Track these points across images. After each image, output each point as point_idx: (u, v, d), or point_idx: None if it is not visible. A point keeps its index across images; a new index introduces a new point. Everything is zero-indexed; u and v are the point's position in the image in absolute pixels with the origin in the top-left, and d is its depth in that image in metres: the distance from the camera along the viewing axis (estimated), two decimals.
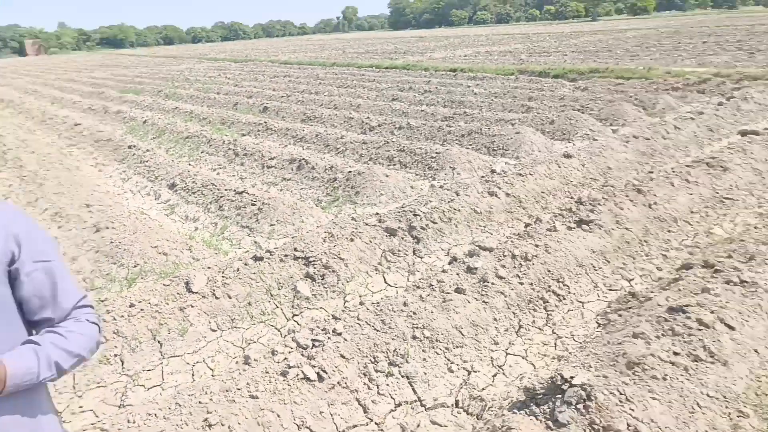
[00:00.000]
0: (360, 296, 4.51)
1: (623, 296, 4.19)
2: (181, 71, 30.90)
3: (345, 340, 3.48)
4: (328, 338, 3.50)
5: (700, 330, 3.29)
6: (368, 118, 11.60)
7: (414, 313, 3.77)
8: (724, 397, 2.93)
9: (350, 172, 7.54)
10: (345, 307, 4.22)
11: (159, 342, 3.90)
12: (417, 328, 3.67)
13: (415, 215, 5.50)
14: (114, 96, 19.84)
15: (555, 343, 3.84)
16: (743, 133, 8.28)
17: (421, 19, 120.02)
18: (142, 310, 4.09)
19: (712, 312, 3.43)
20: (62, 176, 8.60)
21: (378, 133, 10.60)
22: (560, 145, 8.96)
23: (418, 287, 4.16)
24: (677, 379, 2.93)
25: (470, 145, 9.06)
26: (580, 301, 4.34)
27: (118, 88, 22.78)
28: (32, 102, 20.25)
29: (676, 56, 19.55)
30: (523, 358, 3.71)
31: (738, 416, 2.82)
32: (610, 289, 4.52)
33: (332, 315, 3.83)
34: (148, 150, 10.14)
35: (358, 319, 3.68)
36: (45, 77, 33.89)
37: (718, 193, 6.18)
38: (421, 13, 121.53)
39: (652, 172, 6.72)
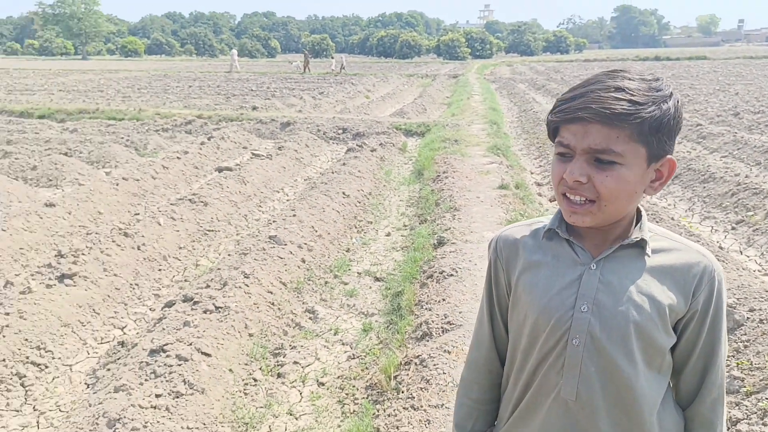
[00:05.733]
0: None
1: (113, 347, 4.01)
2: None
3: None
4: None
5: (180, 365, 3.30)
6: None
7: None
8: (204, 424, 3.00)
9: None
10: None
11: None
12: None
13: None
14: None
15: (38, 422, 3.35)
16: (220, 170, 8.79)
17: None
18: None
19: (190, 344, 3.48)
20: None
21: None
22: (46, 192, 8.02)
23: None
24: (158, 422, 2.89)
25: None
26: (67, 365, 3.87)
27: None
28: None
29: (165, 98, 19.71)
30: None
31: None
32: (101, 343, 4.18)
33: None
34: None
35: None
36: None
37: (201, 226, 6.34)
38: None
39: (138, 214, 6.75)
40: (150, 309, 4.72)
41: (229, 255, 5.35)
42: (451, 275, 4.51)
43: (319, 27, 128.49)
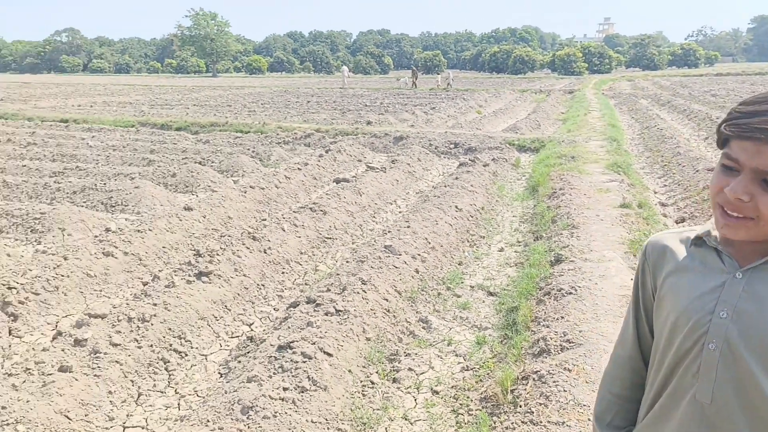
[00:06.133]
0: None
1: (243, 342, 4.32)
2: None
3: None
4: None
5: (305, 362, 3.52)
6: None
7: (3, 408, 3.23)
8: (326, 419, 3.19)
9: None
10: None
11: None
12: (8, 424, 3.16)
13: (9, 288, 4.78)
14: None
15: (178, 404, 3.70)
16: (337, 181, 9.29)
17: (24, 63, 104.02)
18: None
19: (313, 343, 3.71)
20: None
21: None
22: (183, 197, 8.88)
23: (10, 374, 3.61)
24: (286, 413, 3.10)
25: (84, 202, 8.26)
26: (203, 355, 4.27)
27: None
28: None
29: (286, 113, 20.87)
30: (143, 428, 3.47)
31: None
32: (232, 337, 4.57)
33: None
34: None
35: None
36: None
37: (320, 233, 6.67)
38: (24, 56, 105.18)
39: (265, 220, 7.23)
40: (274, 309, 5.04)
41: (346, 262, 5.57)
42: (570, 293, 4.41)
43: (431, 44, 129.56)
